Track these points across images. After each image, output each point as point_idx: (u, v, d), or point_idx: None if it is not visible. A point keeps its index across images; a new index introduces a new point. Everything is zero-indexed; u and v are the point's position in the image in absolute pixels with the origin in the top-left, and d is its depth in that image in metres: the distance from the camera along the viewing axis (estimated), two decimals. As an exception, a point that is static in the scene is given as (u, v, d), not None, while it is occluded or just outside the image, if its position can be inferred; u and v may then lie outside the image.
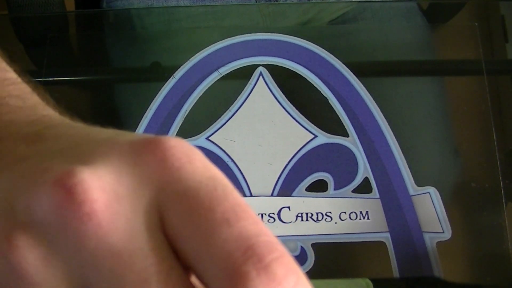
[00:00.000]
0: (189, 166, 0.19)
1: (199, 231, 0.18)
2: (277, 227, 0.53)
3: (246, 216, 0.18)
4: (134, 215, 0.18)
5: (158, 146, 0.19)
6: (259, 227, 0.18)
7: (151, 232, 0.18)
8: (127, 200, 0.18)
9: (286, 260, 0.17)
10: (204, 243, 0.17)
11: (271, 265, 0.17)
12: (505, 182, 0.55)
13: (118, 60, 0.68)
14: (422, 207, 0.54)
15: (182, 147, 0.19)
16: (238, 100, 0.59)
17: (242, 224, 0.18)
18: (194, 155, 0.19)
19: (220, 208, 0.18)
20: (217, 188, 0.18)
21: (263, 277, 0.17)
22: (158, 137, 0.19)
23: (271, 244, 0.17)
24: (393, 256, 0.52)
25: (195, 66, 0.61)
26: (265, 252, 0.17)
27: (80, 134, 0.21)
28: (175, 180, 0.18)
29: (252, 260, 0.17)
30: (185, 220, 0.18)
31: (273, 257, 0.17)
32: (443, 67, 0.68)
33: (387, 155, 0.56)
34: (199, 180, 0.18)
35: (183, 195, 0.18)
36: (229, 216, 0.18)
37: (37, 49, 0.67)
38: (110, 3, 0.74)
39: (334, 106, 0.59)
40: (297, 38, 0.62)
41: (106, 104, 0.65)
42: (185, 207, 0.18)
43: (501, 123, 0.59)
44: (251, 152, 0.57)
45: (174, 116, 0.58)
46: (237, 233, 0.17)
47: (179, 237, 0.18)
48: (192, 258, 0.18)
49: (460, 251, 0.55)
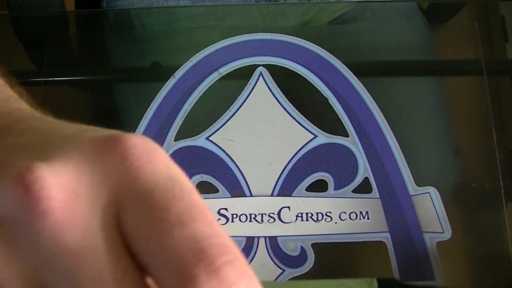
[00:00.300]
0: (148, 166, 0.19)
1: (153, 231, 0.17)
2: (277, 227, 0.53)
3: (201, 218, 0.18)
4: (91, 213, 0.18)
5: (119, 144, 0.19)
6: (213, 229, 0.18)
7: (107, 231, 0.18)
8: (85, 198, 0.18)
9: (239, 263, 0.17)
10: (157, 243, 0.17)
11: (222, 268, 0.17)
12: (505, 182, 0.55)
13: (118, 60, 0.68)
14: (422, 207, 0.54)
15: (143, 145, 0.19)
16: (238, 100, 0.59)
17: (196, 226, 0.17)
18: (155, 154, 0.19)
19: (174, 209, 0.18)
20: (174, 188, 0.18)
21: (213, 280, 0.17)
22: (120, 135, 0.19)
23: (224, 247, 0.17)
24: (393, 256, 0.52)
25: (195, 66, 0.61)
26: (217, 255, 0.17)
27: (48, 129, 0.21)
28: (133, 180, 0.18)
29: (203, 263, 0.17)
30: (140, 220, 0.18)
31: (225, 260, 0.17)
32: (443, 67, 0.68)
33: (387, 155, 0.56)
34: (157, 180, 0.18)
35: (139, 195, 0.18)
36: (184, 217, 0.18)
37: (37, 49, 0.67)
38: (110, 3, 0.74)
39: (334, 106, 0.59)
40: (297, 38, 0.62)
41: (106, 104, 0.65)
42: (140, 207, 0.18)
43: (501, 123, 0.59)
44: (251, 152, 0.57)
45: (174, 116, 0.58)
46: (190, 234, 0.17)
47: (134, 237, 0.18)
48: (147, 258, 0.18)
49: (460, 251, 0.55)
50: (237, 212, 0.54)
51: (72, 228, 0.17)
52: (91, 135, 0.19)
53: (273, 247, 0.53)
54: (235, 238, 0.53)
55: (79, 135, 0.20)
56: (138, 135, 0.19)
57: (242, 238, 0.53)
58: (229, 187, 0.55)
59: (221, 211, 0.54)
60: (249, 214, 0.54)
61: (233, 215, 0.54)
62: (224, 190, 0.55)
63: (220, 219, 0.54)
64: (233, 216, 0.54)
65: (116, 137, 0.19)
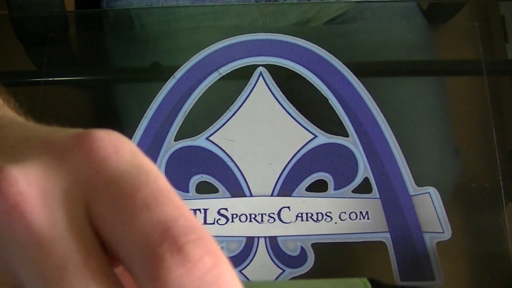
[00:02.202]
0: (114, 156, 0.19)
1: (120, 217, 0.18)
2: (277, 227, 0.53)
3: (167, 202, 0.18)
4: (57, 206, 0.19)
5: (86, 139, 0.20)
6: (180, 212, 0.18)
7: (74, 221, 0.18)
8: (52, 192, 0.19)
9: (204, 242, 0.18)
10: (125, 229, 0.18)
11: (186, 246, 0.17)
12: (505, 182, 0.55)
13: (118, 60, 0.68)
14: (422, 207, 0.54)
15: (109, 138, 0.20)
16: (238, 100, 0.59)
17: (162, 209, 0.18)
18: (121, 145, 0.20)
19: (140, 195, 0.18)
20: (140, 175, 0.19)
21: (177, 258, 0.17)
22: (87, 131, 0.20)
23: (190, 227, 0.18)
24: (393, 256, 0.52)
25: (195, 66, 0.61)
26: (181, 234, 0.17)
27: (23, 134, 0.22)
28: (100, 171, 0.19)
29: (167, 243, 0.17)
30: (108, 208, 0.18)
31: (189, 239, 0.17)
32: (443, 67, 0.68)
33: (387, 155, 0.56)
34: (123, 169, 0.19)
35: (106, 184, 0.19)
36: (149, 202, 0.18)
37: (37, 49, 0.67)
38: (110, 3, 0.74)
39: (334, 106, 0.59)
40: (297, 38, 0.62)
41: (106, 104, 0.65)
42: (108, 196, 0.19)
43: (501, 123, 0.59)
44: (251, 152, 0.57)
45: (174, 116, 0.58)
46: (156, 217, 0.18)
47: (104, 226, 0.18)
48: (116, 245, 0.18)
49: (460, 251, 0.55)
50: (237, 212, 0.54)
51: (38, 220, 0.18)
52: (61, 134, 0.20)
53: (273, 247, 0.53)
54: (235, 238, 0.53)
55: (49, 136, 0.21)
56: (106, 130, 0.20)
57: (242, 238, 0.53)
58: (229, 187, 0.55)
59: (221, 211, 0.54)
60: (249, 214, 0.54)
61: (233, 215, 0.54)
62: (224, 190, 0.55)
63: (220, 219, 0.54)
64: (233, 216, 0.54)
65: (83, 133, 0.20)
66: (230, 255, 0.52)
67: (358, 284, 0.49)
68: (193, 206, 0.54)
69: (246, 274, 0.52)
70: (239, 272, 0.52)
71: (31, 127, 0.23)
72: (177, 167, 0.56)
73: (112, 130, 0.20)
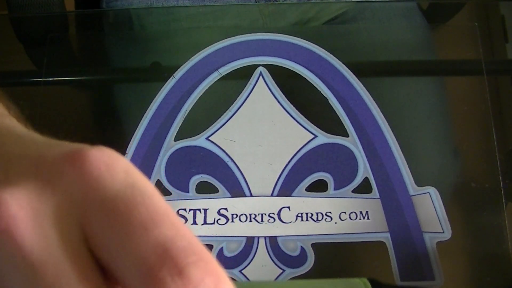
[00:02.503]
0: (107, 175, 0.19)
1: (117, 239, 0.18)
2: (277, 227, 0.53)
3: (164, 221, 0.18)
4: (50, 227, 0.18)
5: (78, 158, 0.19)
6: (177, 232, 0.18)
7: (67, 242, 0.18)
8: (44, 213, 0.19)
9: (204, 263, 0.17)
10: (122, 251, 0.18)
11: (187, 268, 0.17)
12: (505, 182, 0.55)
13: (118, 60, 0.68)
14: (422, 207, 0.54)
15: (102, 156, 0.19)
16: (238, 100, 0.59)
17: (160, 230, 0.18)
18: (114, 163, 0.19)
19: (137, 215, 0.18)
20: (135, 195, 0.19)
21: (178, 282, 0.17)
22: (80, 148, 0.20)
23: (189, 248, 0.18)
24: (393, 256, 0.52)
25: (195, 66, 0.61)
26: (181, 256, 0.17)
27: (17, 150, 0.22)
28: (93, 190, 0.19)
29: (167, 266, 0.17)
30: (104, 228, 0.18)
31: (189, 261, 0.17)
32: (443, 67, 0.68)
33: (387, 155, 0.56)
34: (117, 188, 0.19)
35: (101, 204, 0.18)
36: (146, 222, 0.18)
37: (37, 49, 0.67)
38: (110, 3, 0.74)
39: (334, 106, 0.59)
40: (297, 38, 0.62)
41: (106, 104, 0.65)
42: (103, 216, 0.18)
43: (501, 123, 0.59)
44: (251, 152, 0.57)
45: (174, 116, 0.58)
46: (153, 238, 0.18)
47: (100, 246, 0.18)
48: (113, 266, 0.18)
49: (460, 251, 0.55)
50: (237, 212, 0.54)
51: (30, 242, 0.18)
52: (53, 152, 0.20)
53: (273, 247, 0.53)
54: (235, 238, 0.53)
55: (43, 153, 0.20)
56: (98, 147, 0.20)
57: (242, 238, 0.53)
58: (229, 187, 0.55)
59: (221, 211, 0.54)
60: (249, 214, 0.54)
61: (233, 215, 0.54)
62: (224, 190, 0.55)
63: (220, 219, 0.54)
64: (233, 216, 0.54)
65: (76, 150, 0.20)
66: (230, 255, 0.52)
67: (358, 284, 0.49)
68: (193, 206, 0.54)
69: (246, 274, 0.52)
70: (239, 272, 0.52)
71: (26, 140, 0.22)
72: (177, 167, 0.56)
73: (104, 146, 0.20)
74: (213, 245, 0.53)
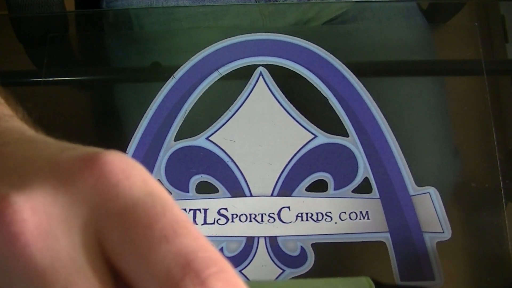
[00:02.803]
0: (126, 183, 0.19)
1: (138, 248, 0.18)
2: (277, 227, 0.53)
3: (185, 232, 0.18)
4: (64, 234, 0.18)
5: (95, 163, 0.19)
6: (199, 243, 0.18)
7: (81, 250, 0.18)
8: (58, 219, 0.18)
9: (226, 274, 0.17)
10: (143, 260, 0.18)
11: (208, 280, 0.17)
12: (505, 182, 0.55)
13: (118, 60, 0.68)
14: (422, 207, 0.54)
15: (120, 162, 0.19)
16: (238, 100, 0.59)
17: (181, 241, 0.18)
18: (132, 170, 0.19)
19: (158, 225, 0.18)
20: (155, 204, 0.18)
21: None
22: (96, 153, 0.19)
23: (210, 260, 0.18)
24: (393, 256, 0.52)
25: (195, 66, 0.61)
26: (203, 267, 0.17)
27: (30, 152, 0.21)
28: (111, 198, 0.18)
29: (189, 276, 0.17)
30: (123, 238, 0.18)
31: (211, 272, 0.17)
32: (443, 67, 0.68)
33: (387, 155, 0.56)
34: (137, 196, 0.18)
35: (120, 213, 0.18)
36: (168, 233, 0.18)
37: (37, 49, 0.67)
38: (110, 3, 0.74)
39: (334, 106, 0.59)
40: (297, 38, 0.62)
41: (106, 104, 0.65)
42: (122, 225, 0.18)
43: (501, 123, 0.59)
44: (251, 152, 0.57)
45: (174, 116, 0.58)
46: (176, 249, 0.17)
47: (118, 256, 0.18)
48: (132, 276, 0.18)
49: (460, 251, 0.55)
50: (237, 212, 0.54)
51: (42, 249, 0.18)
52: (68, 155, 0.20)
53: (273, 247, 0.53)
54: (235, 238, 0.53)
55: (57, 156, 0.20)
56: (115, 152, 0.19)
57: (242, 238, 0.53)
58: (229, 187, 0.55)
59: (221, 211, 0.54)
60: (249, 214, 0.54)
61: (233, 215, 0.54)
62: (224, 190, 0.55)
63: (220, 219, 0.54)
64: (233, 216, 0.54)
65: (92, 155, 0.19)
66: (230, 255, 0.52)
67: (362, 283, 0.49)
68: (193, 206, 0.54)
69: (246, 274, 0.52)
70: (239, 272, 0.52)
71: (39, 143, 0.22)
72: (177, 167, 0.56)
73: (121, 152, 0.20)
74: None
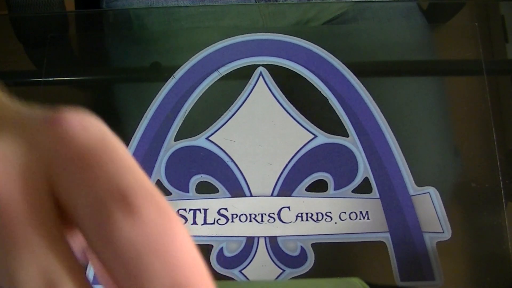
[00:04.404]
0: (82, 133, 0.20)
1: (81, 185, 0.19)
2: (277, 227, 0.53)
3: (130, 174, 0.19)
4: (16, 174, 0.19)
5: (57, 117, 0.20)
6: (139, 183, 0.19)
7: (28, 189, 0.19)
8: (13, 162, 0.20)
9: (159, 207, 0.18)
10: (82, 193, 0.19)
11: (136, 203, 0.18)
12: (505, 182, 0.55)
13: (118, 60, 0.68)
14: (422, 207, 0.54)
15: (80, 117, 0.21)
16: (238, 100, 0.59)
17: (122, 178, 0.19)
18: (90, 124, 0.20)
19: (103, 165, 0.19)
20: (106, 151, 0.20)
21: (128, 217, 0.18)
22: (59, 111, 0.21)
23: (147, 194, 0.18)
24: (393, 256, 0.52)
25: (195, 66, 0.61)
26: (137, 199, 0.18)
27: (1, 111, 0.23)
28: (66, 144, 0.20)
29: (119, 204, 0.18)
30: (71, 178, 0.19)
31: (144, 202, 0.18)
32: (443, 67, 0.68)
33: (387, 155, 0.56)
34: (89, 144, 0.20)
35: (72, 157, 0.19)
36: (111, 172, 0.19)
37: (37, 49, 0.67)
38: (110, 3, 0.74)
39: (334, 106, 0.59)
40: (297, 38, 0.62)
41: (106, 104, 0.65)
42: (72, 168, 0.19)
43: (501, 123, 0.59)
44: (251, 152, 0.57)
45: (174, 116, 0.58)
46: (114, 183, 0.19)
47: (63, 193, 0.19)
48: (72, 209, 0.19)
49: (460, 251, 0.55)
50: (237, 212, 0.54)
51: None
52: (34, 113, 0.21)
53: (273, 247, 0.53)
54: (235, 238, 0.53)
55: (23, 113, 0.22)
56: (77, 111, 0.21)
57: (242, 238, 0.53)
58: (229, 187, 0.55)
59: (221, 211, 0.54)
60: (249, 214, 0.54)
61: (233, 215, 0.54)
62: (224, 190, 0.55)
63: (220, 219, 0.54)
64: (233, 216, 0.54)
65: (55, 112, 0.21)
66: (230, 255, 0.52)
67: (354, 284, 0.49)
68: (193, 206, 0.54)
69: (246, 274, 0.52)
70: (239, 272, 0.52)
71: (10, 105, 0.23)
72: (177, 167, 0.56)
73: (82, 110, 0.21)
74: (213, 245, 0.53)
